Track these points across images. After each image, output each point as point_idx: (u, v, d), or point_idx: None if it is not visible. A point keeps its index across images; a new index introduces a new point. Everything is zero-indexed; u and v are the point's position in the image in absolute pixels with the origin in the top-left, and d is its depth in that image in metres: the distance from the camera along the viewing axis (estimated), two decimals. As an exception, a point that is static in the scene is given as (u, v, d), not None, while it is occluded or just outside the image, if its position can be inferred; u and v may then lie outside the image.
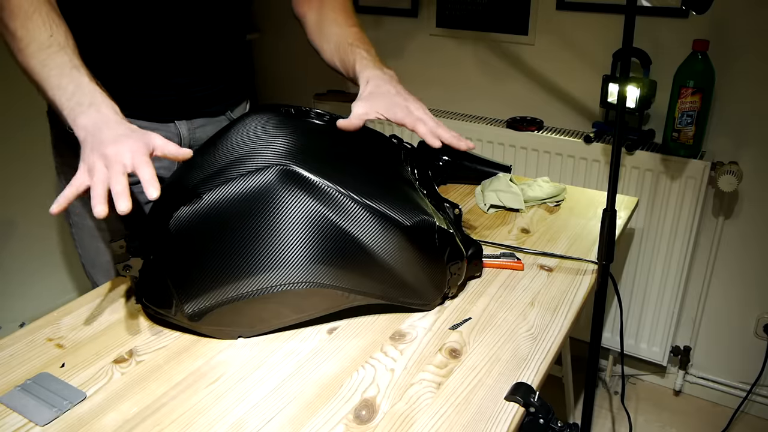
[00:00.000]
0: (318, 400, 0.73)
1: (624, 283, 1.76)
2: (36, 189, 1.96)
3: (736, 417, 1.78)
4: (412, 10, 1.90)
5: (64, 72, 0.81)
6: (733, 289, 1.70)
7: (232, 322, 0.83)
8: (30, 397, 0.74)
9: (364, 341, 0.84)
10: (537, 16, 1.71)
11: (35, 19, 0.83)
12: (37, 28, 0.83)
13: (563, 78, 1.75)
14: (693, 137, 1.50)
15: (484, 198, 1.23)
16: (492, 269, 1.01)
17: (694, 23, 1.51)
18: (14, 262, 1.98)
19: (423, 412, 0.71)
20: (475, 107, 1.91)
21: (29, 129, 1.90)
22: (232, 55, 1.12)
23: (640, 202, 1.64)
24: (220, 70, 1.10)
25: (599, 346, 1.04)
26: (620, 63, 1.01)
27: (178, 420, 0.71)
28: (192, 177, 0.84)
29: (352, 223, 0.81)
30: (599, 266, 0.95)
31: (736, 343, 1.75)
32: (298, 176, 0.80)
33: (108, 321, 0.89)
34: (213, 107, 1.11)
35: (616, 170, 0.89)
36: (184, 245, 0.81)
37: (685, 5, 0.96)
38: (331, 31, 1.07)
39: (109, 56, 0.99)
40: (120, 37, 0.98)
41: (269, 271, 0.79)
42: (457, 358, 0.80)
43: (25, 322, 2.00)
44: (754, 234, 1.62)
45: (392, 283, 0.85)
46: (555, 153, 1.70)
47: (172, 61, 1.02)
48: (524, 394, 0.72)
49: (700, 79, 1.44)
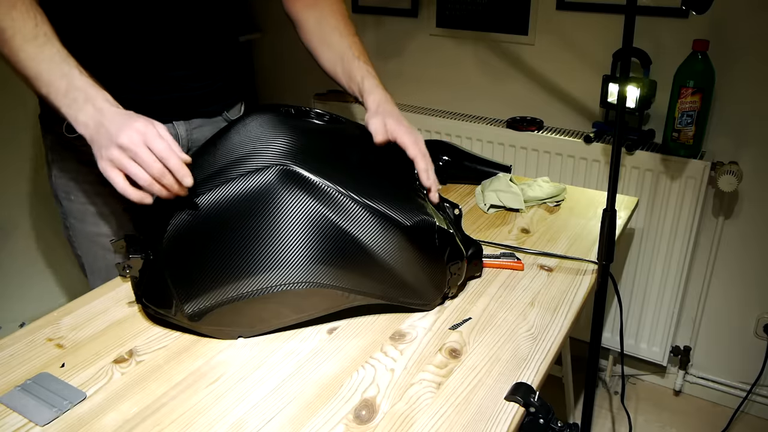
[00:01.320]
0: (318, 400, 0.73)
1: (624, 283, 1.76)
2: (36, 189, 1.96)
3: (736, 417, 1.78)
4: (412, 10, 1.89)
5: (54, 66, 0.81)
6: (733, 289, 1.70)
7: (232, 322, 0.83)
8: (30, 397, 0.74)
9: (364, 341, 0.84)
10: (537, 16, 1.71)
11: (19, 8, 0.82)
12: (21, 17, 0.82)
13: (563, 78, 1.75)
14: (693, 137, 1.50)
15: (484, 198, 1.23)
16: (492, 269, 1.01)
17: (694, 23, 1.51)
18: (14, 263, 1.98)
19: (423, 412, 0.71)
20: (475, 107, 1.91)
21: (29, 130, 1.90)
22: (227, 52, 1.11)
23: (640, 202, 1.64)
24: (217, 67, 1.09)
25: (599, 346, 1.04)
26: (620, 63, 1.01)
27: (178, 420, 0.71)
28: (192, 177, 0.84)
29: (352, 223, 0.81)
30: (599, 266, 0.95)
31: (736, 343, 1.75)
32: (298, 176, 0.80)
33: (108, 321, 0.89)
34: (210, 107, 1.11)
35: (616, 170, 0.89)
36: (184, 245, 0.81)
37: (685, 5, 0.96)
38: (333, 39, 1.08)
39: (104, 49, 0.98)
40: (114, 28, 0.97)
41: (269, 271, 0.79)
42: (457, 358, 0.80)
43: (25, 322, 2.00)
44: (754, 234, 1.62)
45: (392, 283, 0.85)
46: (555, 153, 1.70)
47: (167, 54, 1.01)
48: (524, 394, 0.72)
49: (700, 79, 1.44)
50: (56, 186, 1.08)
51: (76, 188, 1.06)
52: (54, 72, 0.81)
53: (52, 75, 0.81)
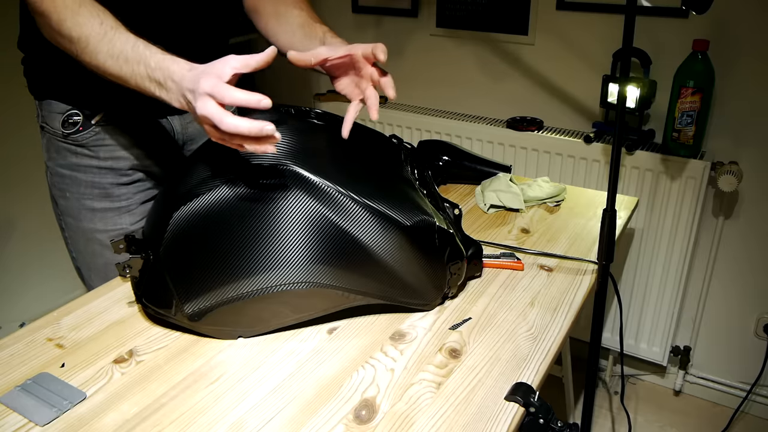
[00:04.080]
0: (318, 400, 0.73)
1: (624, 283, 1.76)
2: (36, 190, 1.96)
3: (736, 417, 1.78)
4: (412, 10, 1.90)
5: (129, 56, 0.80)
6: (733, 289, 1.70)
7: (232, 322, 0.83)
8: (30, 397, 0.74)
9: (364, 341, 0.84)
10: (537, 16, 1.71)
11: (83, 13, 0.81)
12: (87, 21, 0.81)
13: (563, 78, 1.75)
14: (693, 137, 1.50)
15: (484, 198, 1.23)
16: (492, 269, 1.01)
17: (694, 23, 1.51)
18: (14, 263, 1.98)
19: (423, 412, 0.71)
20: (475, 107, 1.91)
21: (29, 129, 1.90)
22: (222, 49, 1.11)
23: (640, 202, 1.64)
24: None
25: (599, 346, 1.04)
26: (620, 63, 1.01)
27: (178, 420, 0.71)
28: (192, 177, 0.84)
29: (352, 223, 0.81)
30: (599, 266, 0.95)
31: (736, 343, 1.75)
32: (298, 176, 0.80)
33: (108, 321, 0.89)
34: None
35: (616, 170, 0.89)
36: (184, 245, 0.81)
37: (685, 5, 0.96)
38: (292, 13, 1.04)
39: None
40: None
41: (269, 271, 0.79)
42: (457, 358, 0.80)
43: (25, 322, 2.00)
44: (754, 234, 1.62)
45: (392, 283, 0.85)
46: (555, 153, 1.70)
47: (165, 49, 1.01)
48: (524, 394, 0.72)
49: (700, 79, 1.44)
50: (52, 184, 1.09)
51: (71, 186, 1.06)
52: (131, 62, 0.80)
53: (131, 65, 0.80)
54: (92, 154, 1.05)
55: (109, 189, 1.07)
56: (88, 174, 1.06)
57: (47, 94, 1.03)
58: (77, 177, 1.06)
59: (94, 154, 1.05)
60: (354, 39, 1.03)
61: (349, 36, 1.12)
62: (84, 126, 1.03)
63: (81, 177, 1.06)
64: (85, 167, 1.05)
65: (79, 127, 1.02)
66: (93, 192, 1.07)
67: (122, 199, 1.09)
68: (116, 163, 1.06)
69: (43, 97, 1.03)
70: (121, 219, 1.09)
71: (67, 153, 1.05)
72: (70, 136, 1.03)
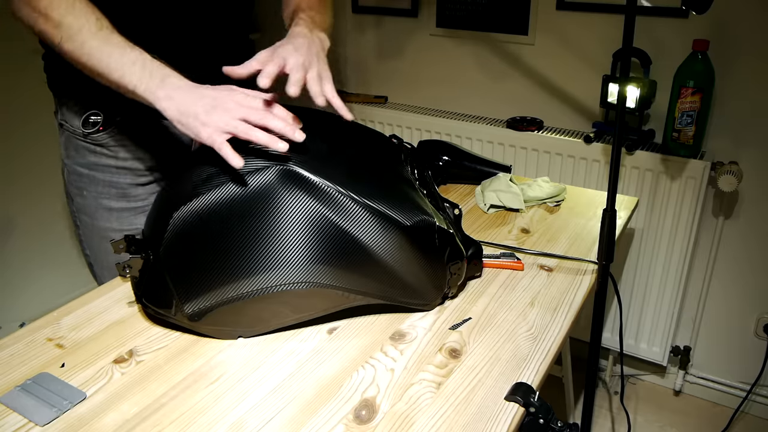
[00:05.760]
0: (318, 400, 0.73)
1: (624, 283, 1.76)
2: (37, 188, 1.96)
3: (736, 417, 1.78)
4: (412, 10, 1.89)
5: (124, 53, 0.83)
6: (733, 289, 1.70)
7: (232, 322, 0.83)
8: (30, 397, 0.74)
9: (364, 341, 0.84)
10: (537, 16, 1.71)
11: (78, 6, 0.83)
12: (83, 13, 0.83)
13: (563, 78, 1.75)
14: (693, 137, 1.50)
15: (484, 198, 1.23)
16: (492, 269, 1.01)
17: (694, 23, 1.51)
18: (15, 262, 1.98)
19: (423, 412, 0.71)
20: (475, 107, 1.91)
21: (31, 126, 1.90)
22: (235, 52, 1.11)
23: (640, 202, 1.64)
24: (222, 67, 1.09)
25: (599, 346, 1.04)
26: (620, 63, 1.01)
27: (178, 420, 0.71)
28: (192, 177, 0.84)
29: (352, 223, 0.81)
30: (599, 266, 0.95)
31: (736, 343, 1.75)
32: (298, 176, 0.80)
33: (108, 321, 0.89)
34: None
35: (616, 170, 0.89)
36: (184, 245, 0.81)
37: (685, 5, 0.95)
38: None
39: None
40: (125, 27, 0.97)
41: (269, 271, 0.79)
42: (457, 358, 0.80)
43: (25, 322, 2.00)
44: (754, 234, 1.62)
45: (392, 283, 0.85)
46: (555, 153, 1.70)
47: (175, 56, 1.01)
48: (524, 394, 0.72)
49: (700, 79, 1.44)
50: (69, 182, 1.09)
51: (89, 184, 1.07)
52: (125, 58, 0.82)
53: (124, 61, 0.82)
54: (111, 154, 1.05)
55: (126, 189, 1.08)
56: (107, 173, 1.06)
57: (68, 93, 1.03)
58: (95, 176, 1.06)
59: (113, 154, 1.05)
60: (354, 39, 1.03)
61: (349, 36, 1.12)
62: (104, 126, 1.03)
63: (99, 176, 1.06)
64: (104, 167, 1.06)
65: (99, 127, 1.03)
66: (111, 191, 1.07)
67: (139, 199, 1.09)
68: (135, 163, 1.07)
69: (63, 95, 1.04)
70: (137, 219, 1.10)
71: (86, 152, 1.05)
72: (90, 136, 1.03)
